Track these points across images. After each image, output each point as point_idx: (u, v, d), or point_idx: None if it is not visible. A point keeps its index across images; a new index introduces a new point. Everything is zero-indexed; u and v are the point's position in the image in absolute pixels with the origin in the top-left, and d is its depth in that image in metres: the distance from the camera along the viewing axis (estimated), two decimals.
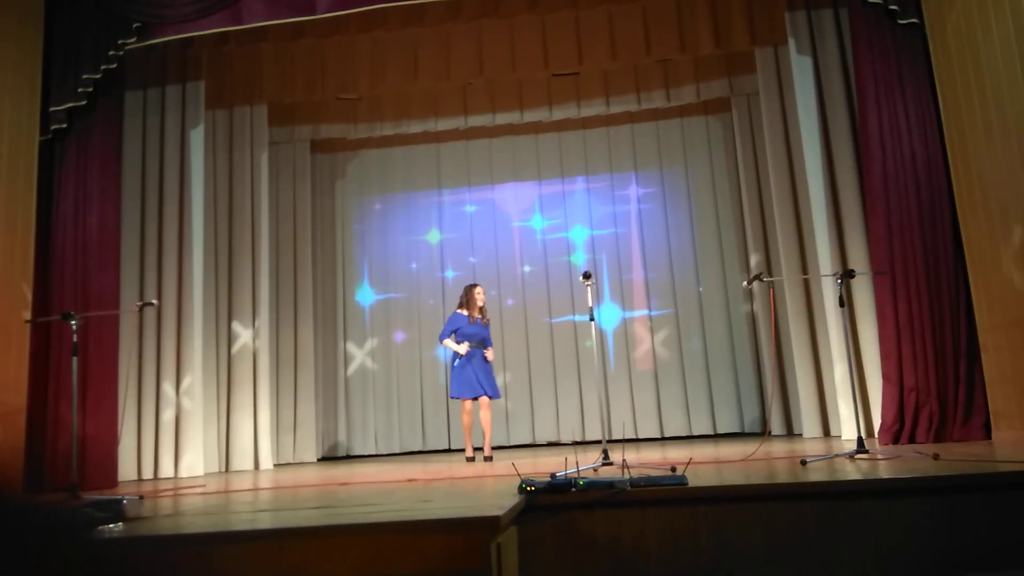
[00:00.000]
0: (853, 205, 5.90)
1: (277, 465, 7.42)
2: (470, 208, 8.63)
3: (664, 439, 7.89)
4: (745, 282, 5.46)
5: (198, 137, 6.88)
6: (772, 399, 7.07)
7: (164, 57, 6.82)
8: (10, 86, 5.71)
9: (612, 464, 4.19)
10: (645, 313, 8.24)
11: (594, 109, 8.07)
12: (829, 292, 5.87)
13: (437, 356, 8.26)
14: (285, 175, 8.21)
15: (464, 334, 6.37)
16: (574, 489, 2.98)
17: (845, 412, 5.74)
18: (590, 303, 4.66)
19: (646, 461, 4.64)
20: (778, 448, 5.50)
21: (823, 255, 6.00)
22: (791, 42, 6.20)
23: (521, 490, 3.00)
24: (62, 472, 5.26)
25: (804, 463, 3.86)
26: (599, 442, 4.63)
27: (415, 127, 8.21)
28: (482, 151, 8.63)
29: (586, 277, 4.69)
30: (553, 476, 3.32)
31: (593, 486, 3.00)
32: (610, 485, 3.01)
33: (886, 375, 5.34)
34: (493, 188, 8.62)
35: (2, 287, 5.49)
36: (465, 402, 6.37)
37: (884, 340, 5.40)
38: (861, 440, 4.21)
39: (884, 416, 5.31)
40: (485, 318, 6.54)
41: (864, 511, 2.90)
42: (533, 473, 3.75)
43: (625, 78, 7.93)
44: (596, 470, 4.12)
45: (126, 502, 4.32)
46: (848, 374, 4.84)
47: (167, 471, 6.44)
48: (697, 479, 3.26)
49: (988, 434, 5.03)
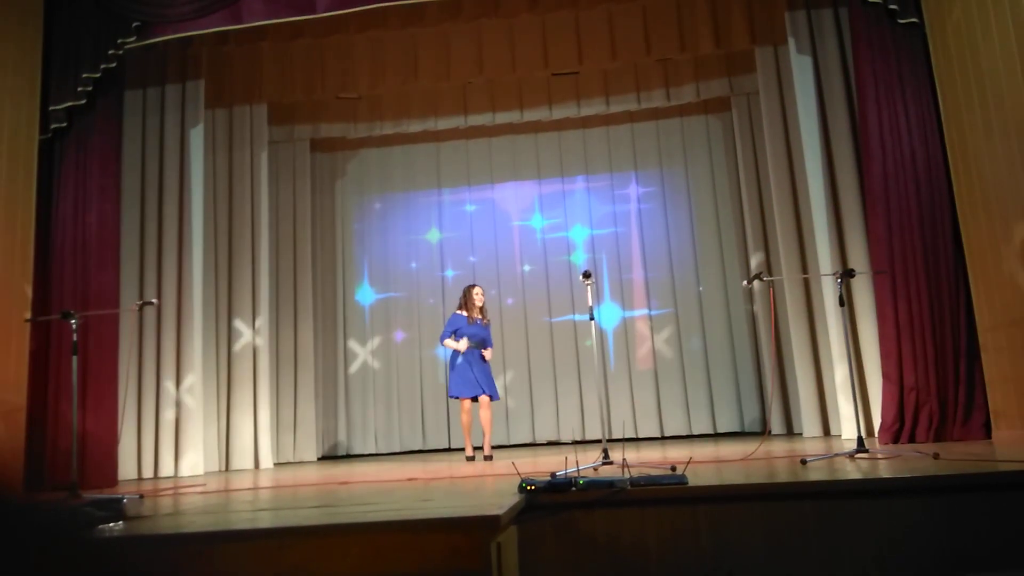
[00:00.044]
0: (853, 205, 5.90)
1: (277, 464, 7.41)
2: (470, 207, 8.63)
3: (664, 438, 7.89)
4: (745, 281, 5.46)
5: (198, 136, 6.88)
6: (772, 398, 7.07)
7: (164, 56, 6.82)
8: (10, 85, 5.71)
9: (612, 463, 4.19)
10: (645, 312, 8.24)
11: (594, 108, 8.07)
12: (829, 291, 5.87)
13: (437, 355, 8.25)
14: (285, 174, 8.21)
15: (464, 335, 6.36)
16: (574, 488, 2.98)
17: (845, 411, 5.74)
18: (590, 302, 4.65)
19: (646, 460, 4.64)
20: (778, 447, 5.50)
21: (823, 254, 6.00)
22: (791, 42, 6.20)
23: (521, 489, 3.00)
24: (62, 471, 5.26)
25: (804, 462, 3.87)
26: (599, 441, 4.63)
27: (415, 126, 8.21)
28: (482, 150, 8.62)
29: (586, 276, 4.69)
30: (553, 475, 3.32)
31: (593, 485, 3.01)
32: (610, 484, 3.01)
33: (886, 374, 5.34)
34: (493, 187, 8.62)
35: (2, 286, 5.49)
36: (464, 401, 6.37)
37: (884, 339, 5.39)
38: (861, 439, 4.21)
39: (884, 415, 5.31)
40: (485, 318, 6.54)
41: (864, 510, 2.90)
42: (533, 472, 3.75)
43: (625, 77, 7.93)
44: (596, 469, 4.12)
45: (126, 501, 4.32)
46: (848, 373, 4.84)
47: (167, 470, 6.44)
48: (697, 478, 3.26)
49: (988, 434, 5.03)
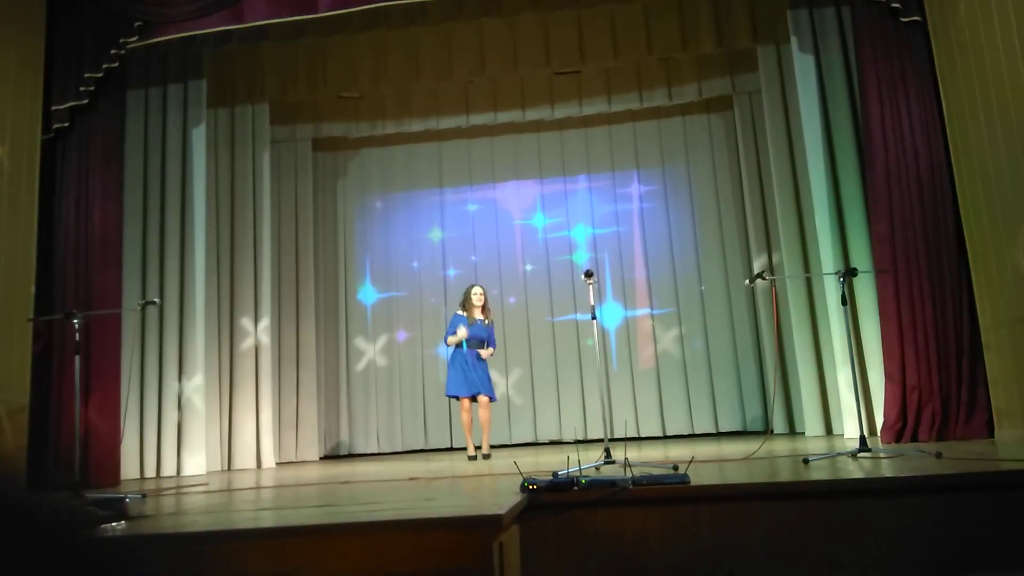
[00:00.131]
0: (856, 203, 5.88)
1: (279, 463, 7.42)
2: (472, 207, 8.62)
3: (666, 437, 7.88)
4: (747, 280, 5.45)
5: (200, 136, 6.88)
6: (774, 397, 7.06)
7: (166, 56, 6.82)
8: (12, 85, 5.71)
9: (614, 462, 4.18)
10: (647, 312, 8.23)
11: (596, 107, 8.06)
12: (832, 290, 5.86)
13: (439, 354, 8.25)
14: (287, 174, 8.21)
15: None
16: (576, 487, 2.98)
17: (848, 410, 5.73)
18: (592, 302, 4.65)
19: (648, 459, 4.64)
20: (780, 446, 5.50)
21: (825, 253, 5.98)
22: (793, 40, 6.19)
23: (523, 488, 3.00)
24: (65, 470, 5.27)
25: (806, 462, 3.86)
26: (601, 440, 4.63)
27: (417, 126, 8.21)
28: (484, 149, 8.62)
29: (588, 276, 4.68)
30: (555, 474, 3.32)
31: (595, 484, 3.01)
32: (612, 483, 3.01)
33: (889, 373, 5.33)
34: (495, 187, 8.61)
35: (5, 286, 5.50)
36: (464, 401, 6.38)
37: (887, 338, 5.38)
38: (864, 439, 4.20)
39: (887, 414, 5.30)
40: (488, 319, 6.54)
41: (866, 510, 2.89)
42: (535, 471, 3.75)
43: (627, 76, 7.92)
44: (598, 468, 4.12)
45: (129, 500, 4.33)
46: (851, 372, 4.83)
47: (170, 469, 6.45)
48: (699, 477, 3.26)
49: (991, 433, 5.02)
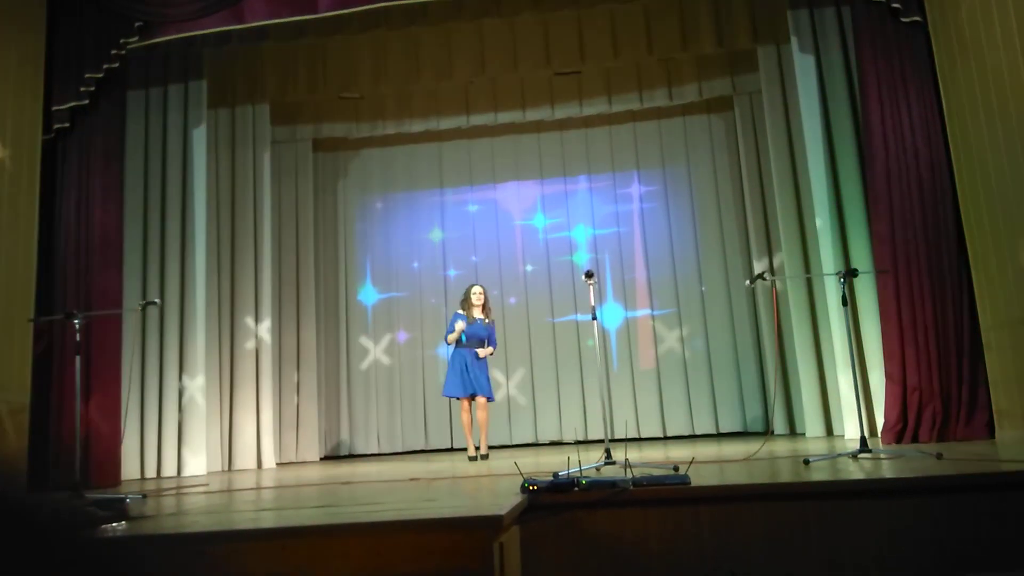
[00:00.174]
0: (856, 204, 5.88)
1: (280, 464, 7.42)
2: (472, 207, 8.62)
3: (666, 438, 7.88)
4: (748, 281, 5.45)
5: (200, 136, 6.88)
6: (775, 398, 7.06)
7: (166, 56, 6.82)
8: (13, 85, 5.72)
9: (614, 463, 4.18)
10: (648, 312, 8.23)
11: (596, 108, 8.07)
12: (832, 291, 5.86)
13: (439, 355, 8.25)
14: (287, 174, 8.21)
15: (464, 334, 6.39)
16: (576, 488, 2.98)
17: (848, 411, 5.73)
18: (592, 302, 4.65)
19: (648, 460, 4.64)
20: (781, 447, 5.49)
21: (826, 254, 5.98)
22: (793, 40, 6.19)
23: (523, 489, 3.00)
24: (66, 471, 5.27)
25: (807, 462, 3.86)
26: (601, 441, 4.63)
27: (417, 126, 8.21)
28: (484, 150, 8.62)
29: (588, 276, 4.68)
30: (555, 475, 3.32)
31: (595, 485, 3.00)
32: (612, 484, 3.01)
33: (889, 374, 5.33)
34: (495, 187, 8.61)
35: (6, 286, 5.51)
36: (463, 401, 6.39)
37: (887, 339, 5.38)
38: (864, 439, 4.19)
39: (887, 415, 5.30)
40: (488, 318, 6.54)
41: (867, 511, 2.89)
42: (536, 472, 3.74)
43: (627, 77, 7.92)
44: (598, 469, 4.12)
45: (129, 501, 4.33)
46: (851, 373, 4.83)
47: (170, 470, 6.45)
48: (699, 478, 3.25)
49: (991, 433, 5.02)
